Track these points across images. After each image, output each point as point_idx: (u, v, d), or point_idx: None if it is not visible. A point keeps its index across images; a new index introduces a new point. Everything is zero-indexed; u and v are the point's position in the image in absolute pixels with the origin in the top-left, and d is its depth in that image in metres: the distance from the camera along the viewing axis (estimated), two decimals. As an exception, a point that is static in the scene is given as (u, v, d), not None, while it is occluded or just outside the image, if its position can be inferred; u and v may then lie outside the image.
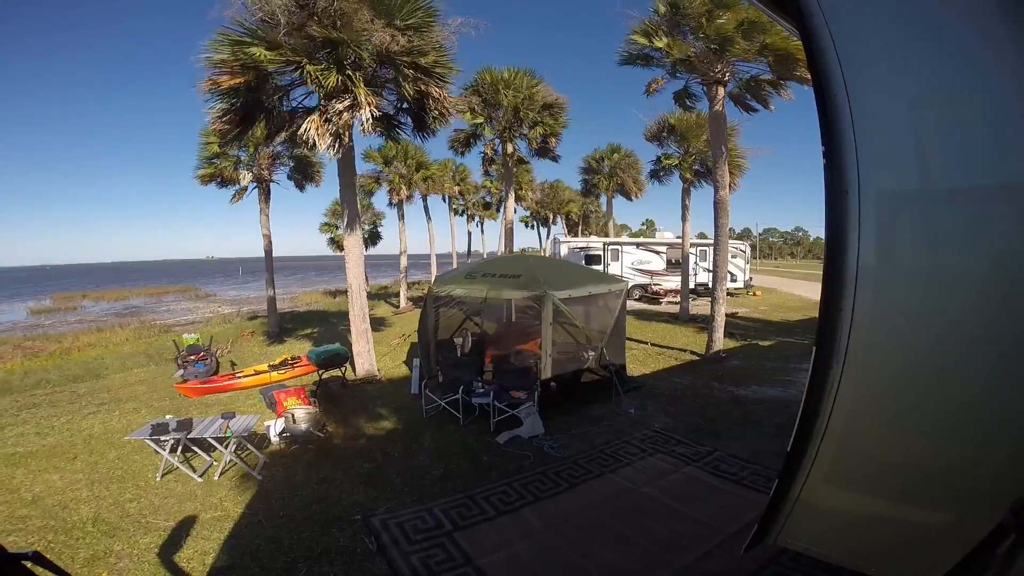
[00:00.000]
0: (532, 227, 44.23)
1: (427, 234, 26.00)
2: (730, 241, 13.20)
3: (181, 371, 9.99)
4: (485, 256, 37.54)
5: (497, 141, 14.43)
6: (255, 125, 8.71)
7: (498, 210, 33.04)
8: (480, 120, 13.91)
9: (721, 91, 10.09)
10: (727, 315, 11.48)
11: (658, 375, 9.38)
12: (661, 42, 9.80)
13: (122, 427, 7.13)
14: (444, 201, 28.64)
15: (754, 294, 24.66)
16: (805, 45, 1.47)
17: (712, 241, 11.82)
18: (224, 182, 14.74)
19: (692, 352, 11.17)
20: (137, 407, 8.24)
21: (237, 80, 7.51)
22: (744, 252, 25.12)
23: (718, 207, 10.51)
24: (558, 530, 4.17)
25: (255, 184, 14.88)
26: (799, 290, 27.74)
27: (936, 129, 1.45)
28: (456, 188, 27.53)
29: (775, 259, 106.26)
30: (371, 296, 20.82)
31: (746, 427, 6.54)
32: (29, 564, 1.10)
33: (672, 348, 11.72)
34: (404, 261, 23.18)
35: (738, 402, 7.59)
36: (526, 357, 8.31)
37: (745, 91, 10.76)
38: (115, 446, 6.36)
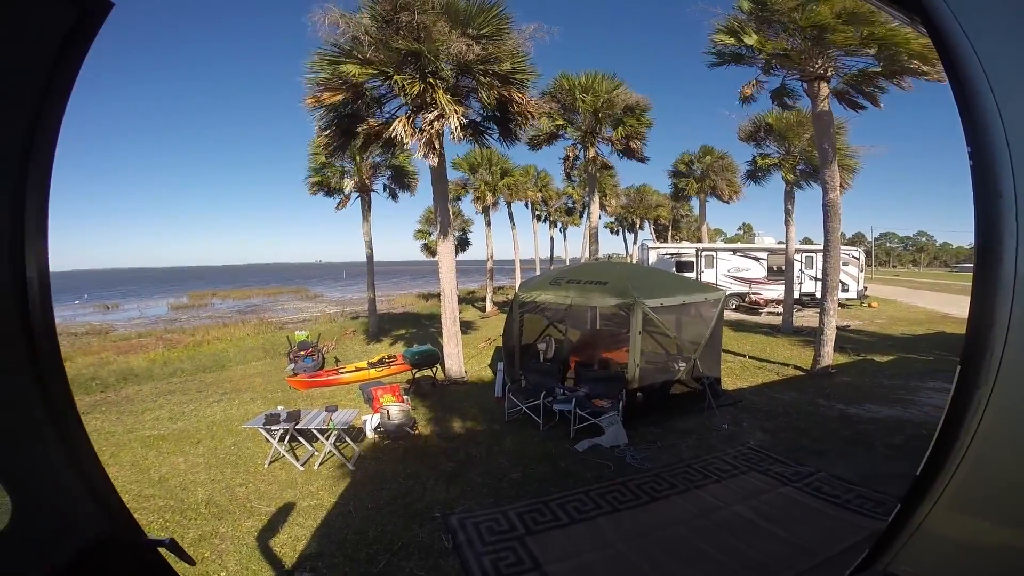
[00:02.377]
0: (617, 232, 43.44)
1: (511, 240, 26.48)
2: (841, 247, 12.00)
3: (292, 365, 11.03)
4: (567, 262, 37.42)
5: (579, 146, 14.34)
6: (355, 136, 9.46)
7: (581, 216, 32.82)
8: (560, 120, 13.88)
9: (824, 87, 9.23)
10: (838, 328, 10.44)
11: (756, 390, 8.76)
12: (751, 39, 9.16)
13: (240, 415, 7.92)
14: (527, 207, 29.03)
15: (869, 305, 22.20)
16: (933, 39, 1.32)
17: (820, 247, 10.82)
18: (330, 191, 16.21)
19: (796, 367, 10.32)
20: (253, 397, 9.18)
21: (336, 96, 8.19)
22: (857, 259, 22.64)
23: (828, 210, 9.61)
24: (634, 543, 4.03)
25: (358, 193, 16.13)
26: (923, 301, 24.63)
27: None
28: (538, 194, 27.76)
29: (894, 267, 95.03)
30: (459, 300, 21.64)
31: (856, 447, 5.98)
32: (163, 551, 1.23)
33: (773, 362, 10.89)
34: (490, 266, 23.78)
35: (848, 421, 6.91)
36: (611, 365, 8.15)
37: (850, 86, 9.76)
38: (233, 433, 7.07)
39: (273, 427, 5.87)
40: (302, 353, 11.29)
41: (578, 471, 5.47)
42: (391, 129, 8.29)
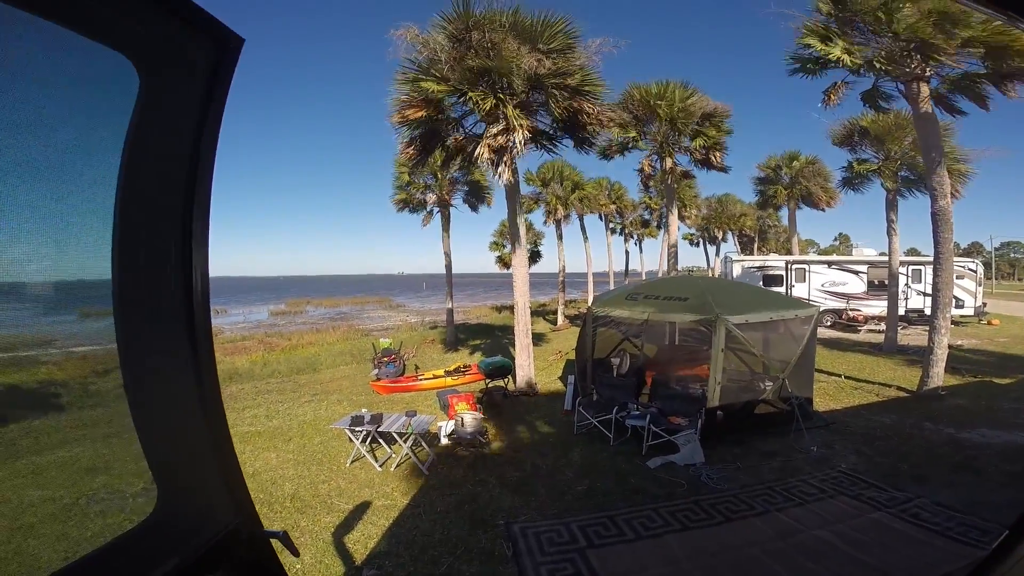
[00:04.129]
0: (698, 244, 41.62)
1: (584, 253, 26.30)
2: (955, 259, 10.74)
3: (376, 370, 11.70)
4: (644, 275, 36.43)
5: (655, 157, 14.04)
6: (435, 152, 9.96)
7: (658, 227, 31.91)
8: (633, 132, 13.66)
9: (924, 88, 8.35)
10: (950, 347, 9.33)
11: (852, 411, 8.05)
12: (837, 49, 8.35)
13: (327, 416, 8.46)
14: (600, 220, 28.71)
15: (989, 323, 19.52)
16: None
17: (929, 259, 9.78)
18: (414, 208, 17.15)
19: (899, 388, 9.35)
20: (340, 399, 9.81)
21: (420, 112, 8.69)
22: (974, 272, 19.97)
23: (937, 218, 8.68)
24: (702, 562, 3.87)
25: (438, 208, 16.94)
26: (1056, 318, 21.14)
27: None
28: (612, 206, 27.37)
29: (1019, 279, 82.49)
30: (531, 313, 21.84)
31: (964, 473, 5.41)
32: (276, 542, 1.31)
33: (872, 383, 9.92)
34: (562, 279, 23.77)
35: (957, 446, 6.24)
36: (689, 382, 7.87)
37: (952, 90, 8.79)
38: (320, 432, 7.54)
39: (357, 428, 6.23)
40: (385, 359, 11.94)
41: (648, 487, 5.34)
42: (477, 153, 8.67)
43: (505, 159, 8.69)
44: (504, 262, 29.65)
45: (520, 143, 8.33)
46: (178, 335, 1.10)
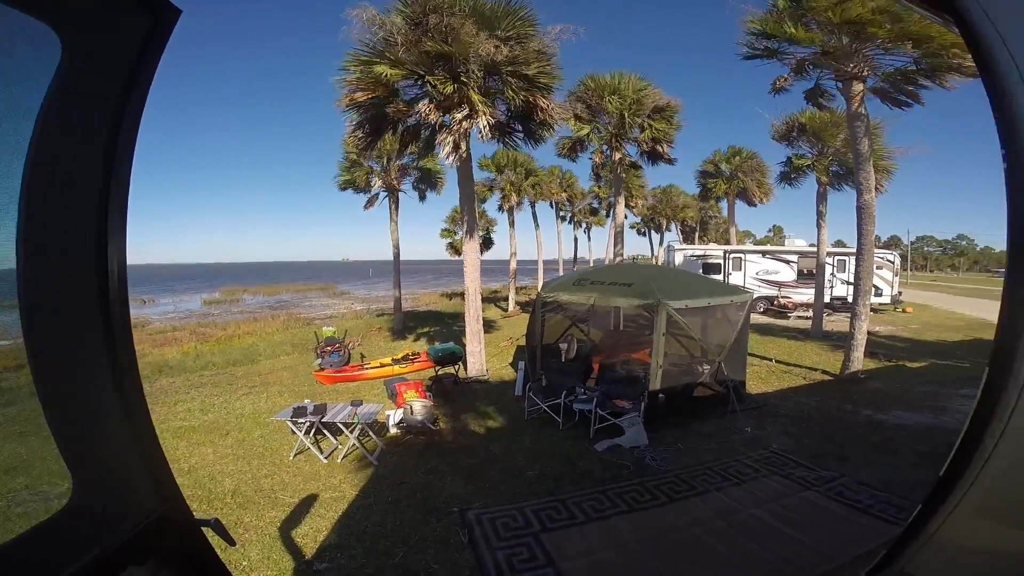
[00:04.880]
0: (643, 234, 42.88)
1: (535, 240, 26.47)
2: (875, 250, 11.61)
3: (319, 360, 11.30)
4: (591, 263, 37.17)
5: (605, 147, 14.24)
6: (384, 136, 9.62)
7: (607, 216, 32.56)
8: (586, 130, 13.81)
9: (859, 87, 8.95)
10: (869, 333, 10.12)
11: (782, 394, 8.58)
12: (790, 28, 8.89)
13: (267, 408, 8.14)
14: (551, 207, 28.94)
15: (904, 310, 21.43)
16: (966, 39, 1.30)
17: (852, 250, 10.50)
18: (359, 188, 16.51)
19: (824, 371, 10.06)
20: (281, 391, 9.41)
21: (370, 95, 8.35)
22: (891, 263, 21.84)
23: (861, 212, 9.33)
24: (649, 543, 4.03)
25: (386, 193, 16.40)
26: (961, 307, 23.68)
27: None
28: (563, 194, 27.65)
29: (931, 271, 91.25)
30: (482, 299, 21.76)
31: (882, 454, 5.85)
32: (208, 530, 1.29)
33: (800, 366, 10.63)
34: (514, 266, 23.83)
35: (875, 427, 6.75)
36: (633, 366, 8.09)
37: (888, 85, 9.44)
38: (260, 425, 7.25)
39: (300, 420, 6.02)
40: (329, 349, 11.56)
41: (596, 471, 5.47)
42: (439, 141, 8.46)
43: (463, 144, 8.51)
44: (455, 249, 29.37)
45: (485, 128, 8.20)
46: (93, 327, 1.04)
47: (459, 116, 8.23)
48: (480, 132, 8.27)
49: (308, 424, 6.05)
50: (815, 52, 9.04)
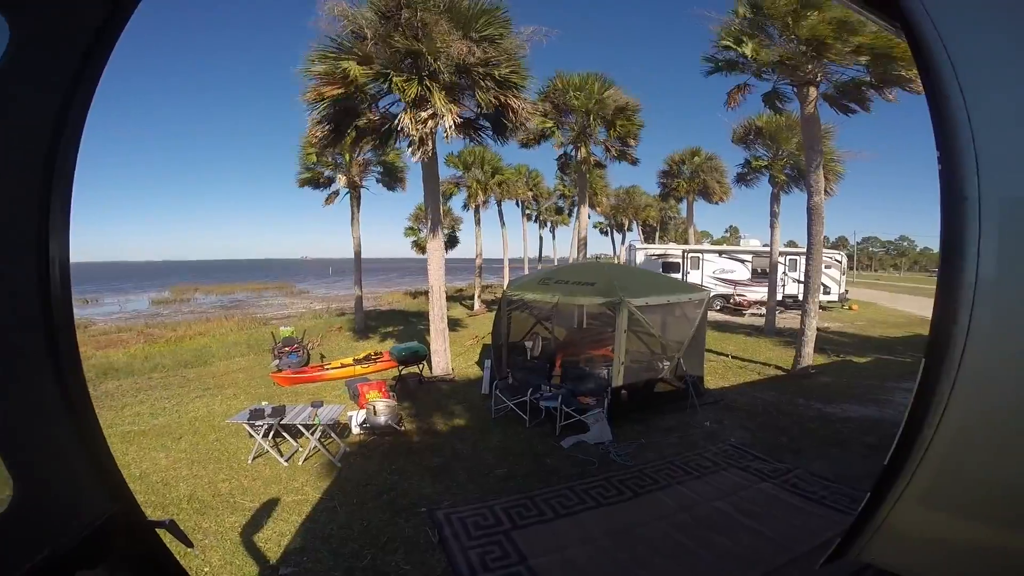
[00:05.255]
0: (607, 233, 43.67)
1: (501, 239, 26.47)
2: (824, 250, 12.22)
3: (277, 361, 10.94)
4: (556, 261, 37.50)
5: (571, 147, 14.41)
6: (348, 131, 9.39)
7: (571, 215, 32.93)
8: (550, 124, 13.95)
9: (813, 92, 9.42)
10: (818, 329, 10.64)
11: (738, 389, 8.91)
12: (747, 48, 9.31)
13: (223, 411, 7.84)
14: (517, 206, 29.02)
15: (850, 308, 22.64)
16: (911, 44, 1.38)
17: (803, 250, 11.00)
18: (319, 185, 16.08)
19: (777, 367, 10.51)
20: (237, 393, 9.08)
21: (336, 90, 8.10)
22: (839, 263, 23.06)
23: (811, 213, 9.79)
24: (618, 538, 4.11)
25: (348, 190, 16.02)
26: (903, 305, 25.20)
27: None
28: (529, 193, 27.79)
29: (875, 271, 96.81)
30: (447, 298, 21.60)
31: (832, 446, 6.13)
32: (162, 532, 1.26)
33: (755, 362, 11.07)
34: (479, 264, 23.77)
35: (826, 420, 7.08)
36: (597, 363, 8.23)
37: (840, 93, 9.97)
38: (216, 429, 6.99)
39: (257, 422, 5.84)
40: (287, 349, 11.22)
41: (563, 467, 5.53)
42: (396, 121, 8.25)
43: (429, 142, 8.39)
44: (420, 247, 29.03)
45: (450, 129, 8.09)
46: (34, 328, 1.01)
47: (424, 115, 8.10)
48: (445, 132, 8.16)
49: (266, 427, 5.87)
50: (773, 62, 9.41)
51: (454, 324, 16.89)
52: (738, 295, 21.58)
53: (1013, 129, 1.25)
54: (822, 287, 18.68)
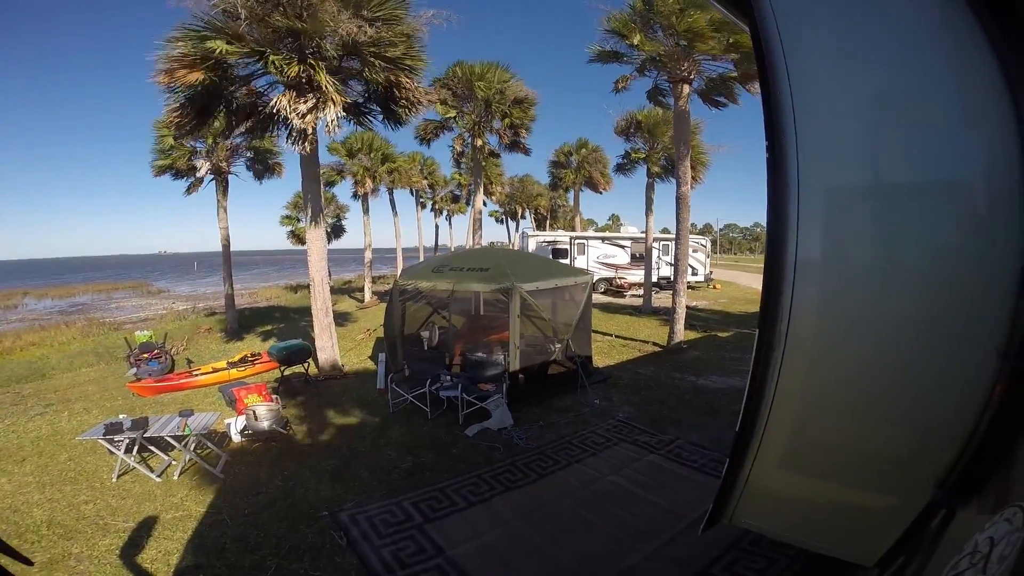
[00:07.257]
0: (501, 221, 44.35)
1: (393, 228, 25.62)
2: (691, 236, 13.57)
3: (134, 370, 9.61)
4: (453, 250, 37.30)
5: (467, 135, 14.31)
6: (214, 117, 8.36)
7: (467, 204, 32.83)
8: (452, 114, 13.77)
9: (686, 89, 10.36)
10: (688, 307, 11.81)
11: (622, 366, 9.59)
12: (635, 38, 9.95)
13: (72, 428, 6.83)
14: (412, 195, 28.26)
15: (714, 287, 25.46)
16: (754, 41, 1.55)
17: (674, 236, 12.10)
18: (179, 174, 14.14)
19: (655, 344, 11.44)
20: (87, 407, 7.88)
21: (196, 74, 7.15)
22: (705, 247, 25.88)
23: (680, 202, 10.80)
24: (529, 519, 4.25)
25: (212, 176, 14.31)
26: (757, 284, 28.70)
27: (880, 127, 1.54)
28: (424, 182, 27.18)
29: (735, 254, 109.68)
30: (335, 291, 20.37)
31: (706, 416, 6.76)
32: None
33: (636, 340, 11.99)
34: (369, 255, 22.79)
35: (699, 391, 7.83)
36: (494, 349, 8.35)
37: (711, 88, 11.08)
38: (66, 447, 6.10)
39: (116, 437, 5.16)
40: (145, 356, 9.88)
41: (469, 455, 5.57)
42: (273, 104, 7.46)
43: (310, 133, 7.74)
44: (298, 237, 27.07)
45: (333, 121, 7.45)
46: None
47: (304, 107, 7.37)
48: (327, 125, 7.50)
49: (128, 441, 5.21)
50: (654, 57, 10.16)
51: (343, 318, 16.07)
52: (619, 278, 23.22)
53: (834, 123, 1.47)
54: (690, 269, 20.86)
